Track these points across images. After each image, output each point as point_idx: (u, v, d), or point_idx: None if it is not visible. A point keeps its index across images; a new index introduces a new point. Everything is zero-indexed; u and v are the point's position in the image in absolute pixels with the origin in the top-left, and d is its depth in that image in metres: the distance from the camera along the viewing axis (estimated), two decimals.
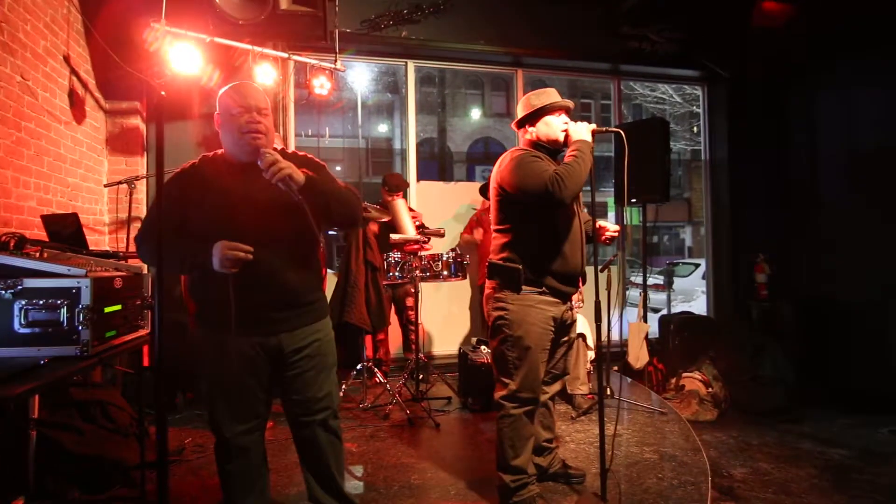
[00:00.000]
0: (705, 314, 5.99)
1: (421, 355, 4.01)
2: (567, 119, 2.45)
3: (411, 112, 5.40)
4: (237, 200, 1.78)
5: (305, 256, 1.91)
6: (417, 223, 4.17)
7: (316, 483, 1.95)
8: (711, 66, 5.71)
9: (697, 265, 11.08)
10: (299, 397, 1.89)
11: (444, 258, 3.86)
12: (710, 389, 4.17)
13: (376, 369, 4.07)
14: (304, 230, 1.81)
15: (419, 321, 4.10)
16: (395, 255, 3.80)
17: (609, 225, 2.54)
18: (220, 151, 1.91)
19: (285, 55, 4.01)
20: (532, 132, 2.46)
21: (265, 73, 3.90)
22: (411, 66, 5.32)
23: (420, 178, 5.41)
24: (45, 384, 1.58)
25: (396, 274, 3.79)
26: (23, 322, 1.75)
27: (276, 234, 1.79)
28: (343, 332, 3.82)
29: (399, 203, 4.07)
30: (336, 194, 1.84)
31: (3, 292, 1.74)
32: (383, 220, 4.07)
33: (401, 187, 4.47)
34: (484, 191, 4.89)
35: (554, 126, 2.42)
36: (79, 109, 3.71)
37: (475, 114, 18.72)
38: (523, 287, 2.33)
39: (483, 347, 4.03)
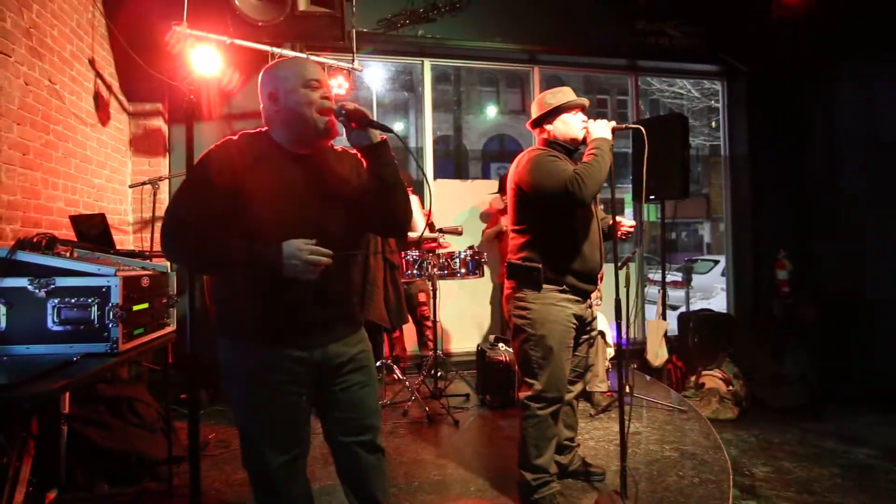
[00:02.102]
0: (725, 311, 5.93)
1: (439, 352, 4.03)
2: (584, 117, 2.44)
3: (427, 110, 5.41)
4: (284, 189, 1.52)
5: (356, 260, 1.72)
6: (428, 222, 4.23)
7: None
8: (730, 60, 5.64)
9: (716, 262, 10.95)
10: (343, 415, 1.66)
11: (462, 256, 3.88)
12: (730, 387, 4.12)
13: (394, 366, 4.11)
14: (355, 228, 1.65)
15: (437, 318, 4.13)
16: (413, 254, 3.83)
17: (625, 220, 2.54)
18: (263, 130, 1.62)
19: (304, 55, 4.05)
20: (549, 131, 2.45)
21: None
22: (427, 64, 5.33)
23: (436, 176, 5.43)
24: (78, 381, 1.63)
25: (414, 272, 3.82)
26: (56, 320, 1.81)
27: (329, 232, 1.53)
28: None
29: (413, 197, 4.12)
30: (402, 181, 1.65)
31: (37, 291, 1.79)
32: None
33: (410, 184, 4.51)
34: (503, 188, 4.90)
35: (572, 124, 2.41)
36: (104, 112, 3.79)
37: (491, 111, 18.71)
38: (544, 286, 2.34)
39: (501, 345, 4.04)
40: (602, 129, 2.34)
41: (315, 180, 1.56)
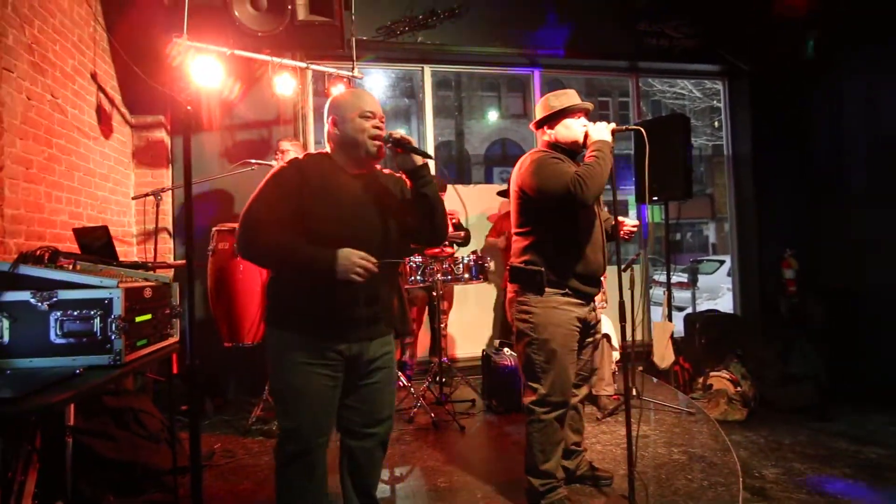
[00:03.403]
0: (732, 312, 5.89)
1: (444, 358, 4.02)
2: (586, 121, 2.44)
3: (428, 116, 5.42)
4: (345, 203, 1.77)
5: (396, 267, 1.94)
6: (454, 220, 4.24)
7: (355, 493, 1.94)
8: (732, 59, 5.62)
9: (722, 262, 10.88)
10: (366, 408, 1.88)
11: (465, 261, 3.87)
12: (738, 388, 4.09)
13: (399, 373, 4.09)
14: (399, 239, 1.87)
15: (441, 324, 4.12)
16: (416, 259, 3.82)
17: (628, 220, 2.53)
18: (325, 151, 1.89)
19: (304, 65, 4.06)
20: (551, 134, 2.45)
21: (284, 83, 3.96)
22: (427, 70, 5.35)
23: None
24: (81, 393, 1.62)
25: (418, 278, 3.81)
26: (58, 333, 1.80)
27: (384, 240, 1.80)
28: None
29: None
30: (440, 200, 1.89)
31: (40, 304, 1.79)
32: None
33: (444, 188, 4.51)
34: (504, 193, 4.90)
35: (573, 128, 2.41)
36: (106, 125, 3.81)
37: (492, 116, 18.71)
38: (546, 289, 2.33)
39: (506, 349, 4.02)
40: (602, 131, 2.34)
41: (370, 196, 1.83)
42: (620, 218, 2.51)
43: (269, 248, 1.71)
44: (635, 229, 2.53)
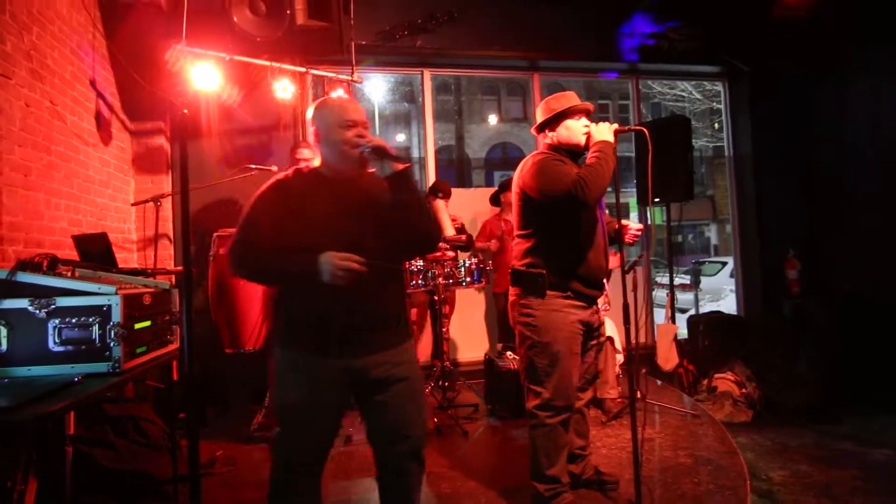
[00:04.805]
0: (735, 313, 5.86)
1: (446, 362, 3.99)
2: (587, 122, 2.43)
3: (429, 120, 5.41)
4: (334, 214, 1.74)
5: (394, 273, 1.85)
6: (457, 225, 4.26)
7: None
8: (732, 60, 5.61)
9: (724, 263, 10.86)
10: (391, 425, 1.79)
11: (467, 264, 3.85)
12: (743, 390, 4.06)
13: None
14: (385, 244, 1.77)
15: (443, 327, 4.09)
16: (418, 263, 3.80)
17: (632, 224, 2.50)
18: (314, 165, 1.87)
19: (303, 69, 4.06)
20: (552, 136, 2.43)
21: (284, 88, 3.95)
22: (427, 74, 5.34)
23: None
24: (79, 401, 1.60)
25: (419, 282, 3.79)
26: (57, 340, 1.78)
27: (364, 246, 1.70)
28: None
29: (440, 203, 4.16)
30: (424, 202, 1.82)
31: (38, 312, 1.77)
32: None
33: (449, 193, 4.51)
34: (495, 199, 4.89)
35: (574, 129, 2.39)
36: (105, 131, 3.80)
37: (492, 119, 18.75)
38: (548, 292, 2.30)
39: (509, 353, 3.99)
40: (604, 131, 2.33)
41: (351, 202, 1.77)
42: (624, 221, 2.48)
43: (257, 263, 1.72)
44: (640, 232, 2.51)
